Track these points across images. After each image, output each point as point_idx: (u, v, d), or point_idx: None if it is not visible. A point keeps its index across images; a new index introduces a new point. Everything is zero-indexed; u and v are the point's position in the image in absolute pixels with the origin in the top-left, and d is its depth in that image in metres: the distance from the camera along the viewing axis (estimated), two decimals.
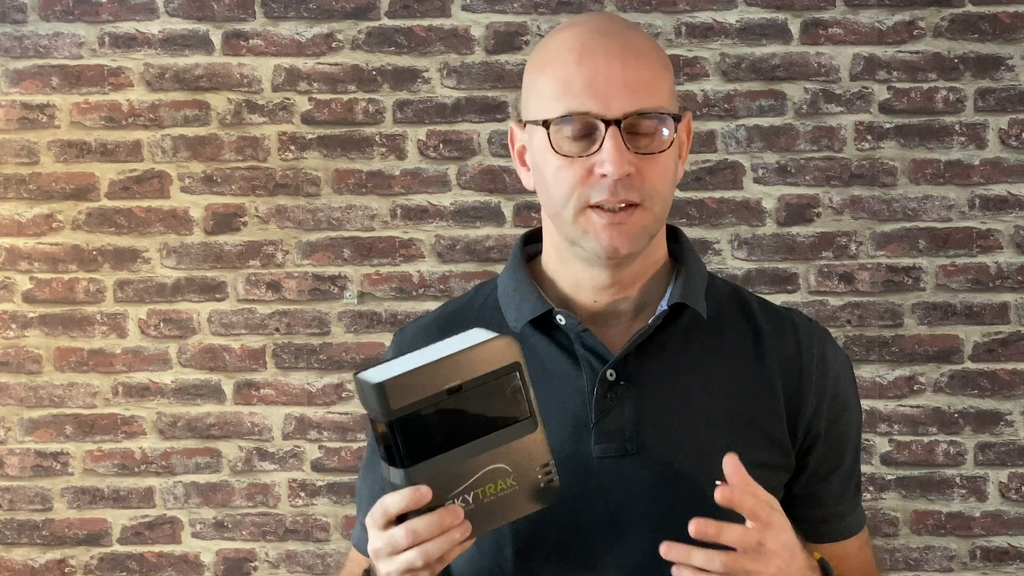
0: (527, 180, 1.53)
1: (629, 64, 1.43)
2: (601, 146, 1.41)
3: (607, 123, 1.41)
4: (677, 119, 1.46)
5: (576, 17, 1.53)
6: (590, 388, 1.48)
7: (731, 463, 1.33)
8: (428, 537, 1.27)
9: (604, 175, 1.41)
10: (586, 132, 1.42)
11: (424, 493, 1.26)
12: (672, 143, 1.45)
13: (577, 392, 1.48)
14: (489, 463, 1.29)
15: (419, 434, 1.27)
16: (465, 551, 1.48)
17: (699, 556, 1.32)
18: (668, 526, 1.44)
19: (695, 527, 1.31)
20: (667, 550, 1.32)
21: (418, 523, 1.27)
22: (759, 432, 1.50)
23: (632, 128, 1.42)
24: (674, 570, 1.33)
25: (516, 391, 1.30)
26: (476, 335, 1.31)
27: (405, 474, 1.27)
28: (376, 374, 1.27)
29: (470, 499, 1.29)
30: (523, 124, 1.51)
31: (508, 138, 1.55)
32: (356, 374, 1.28)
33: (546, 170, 1.46)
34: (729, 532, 1.32)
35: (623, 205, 1.43)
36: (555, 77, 1.44)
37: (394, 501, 1.28)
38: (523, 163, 1.53)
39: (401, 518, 1.29)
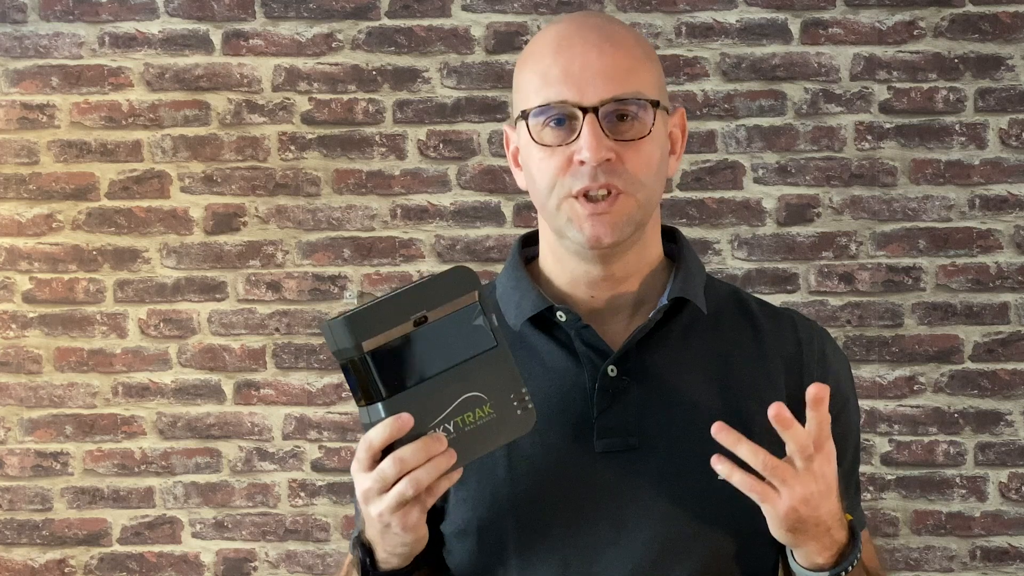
0: (520, 181, 1.54)
1: (606, 52, 1.44)
2: (579, 134, 1.43)
3: (584, 110, 1.42)
4: (657, 105, 1.46)
5: (562, 16, 1.55)
6: (591, 384, 1.48)
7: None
8: (416, 464, 1.29)
9: (583, 162, 1.42)
10: (565, 121, 1.44)
11: (406, 419, 1.28)
12: (652, 130, 1.45)
13: (578, 389, 1.48)
14: (464, 391, 1.32)
15: (392, 366, 1.30)
16: (465, 547, 1.48)
17: (746, 448, 1.33)
18: (671, 519, 1.45)
19: (776, 409, 1.32)
20: (718, 430, 1.34)
21: (404, 451, 1.29)
22: (761, 427, 1.48)
23: (611, 115, 1.44)
24: (714, 458, 1.34)
25: (479, 319, 1.33)
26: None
27: (384, 406, 1.29)
28: (341, 314, 1.31)
29: (451, 428, 1.31)
30: (514, 125, 1.52)
31: (503, 142, 1.56)
32: (323, 322, 1.31)
33: (531, 163, 1.48)
34: (797, 429, 1.33)
35: (606, 192, 1.43)
36: (534, 71, 1.47)
37: (378, 433, 1.29)
38: (517, 164, 1.54)
39: (385, 457, 1.30)
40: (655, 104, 1.46)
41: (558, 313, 1.50)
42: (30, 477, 3.33)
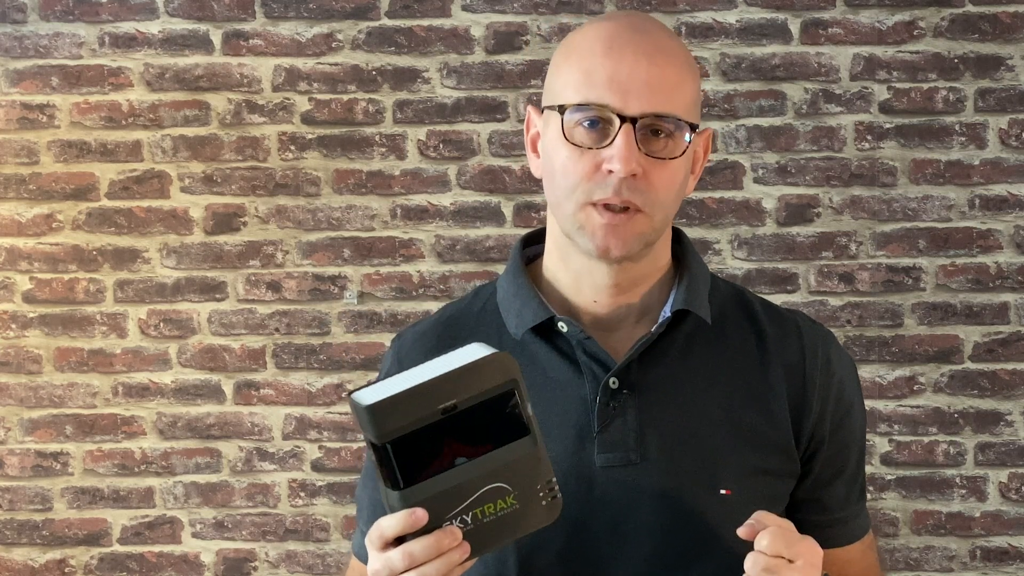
0: (535, 168, 1.51)
1: (656, 63, 1.41)
2: (613, 141, 1.39)
3: (623, 119, 1.39)
4: (695, 128, 1.44)
5: (613, 12, 1.52)
6: (592, 397, 1.46)
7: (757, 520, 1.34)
8: (425, 560, 1.25)
9: (611, 171, 1.39)
10: (599, 124, 1.40)
11: (419, 516, 1.24)
12: (684, 152, 1.43)
13: (579, 401, 1.47)
14: (488, 482, 1.26)
15: (414, 455, 1.24)
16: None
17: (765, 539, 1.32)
18: (672, 535, 1.44)
19: (745, 532, 1.33)
20: (747, 530, 1.33)
21: (415, 546, 1.25)
22: (764, 438, 1.49)
23: (647, 129, 1.40)
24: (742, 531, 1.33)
25: (514, 409, 1.26)
26: (473, 351, 1.27)
27: (401, 496, 1.24)
28: (368, 395, 1.24)
29: (468, 519, 1.26)
30: (541, 110, 1.49)
31: (524, 122, 1.52)
32: (350, 393, 1.25)
33: (555, 159, 1.44)
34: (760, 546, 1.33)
35: (625, 207, 1.41)
36: (579, 66, 1.42)
37: (390, 524, 1.26)
38: (534, 150, 1.51)
39: (399, 540, 1.26)
40: (693, 128, 1.43)
41: (560, 324, 1.48)
42: (30, 477, 3.33)
